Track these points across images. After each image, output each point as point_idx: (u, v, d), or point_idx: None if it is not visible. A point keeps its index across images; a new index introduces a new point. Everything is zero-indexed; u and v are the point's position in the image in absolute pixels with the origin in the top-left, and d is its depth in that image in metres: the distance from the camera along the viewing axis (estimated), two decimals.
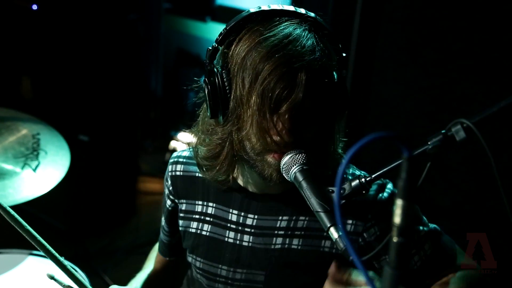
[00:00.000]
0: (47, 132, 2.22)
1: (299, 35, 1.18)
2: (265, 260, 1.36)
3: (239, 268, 1.39)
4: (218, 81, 1.22)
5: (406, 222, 0.75)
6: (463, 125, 0.99)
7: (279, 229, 1.35)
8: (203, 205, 1.44)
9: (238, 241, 1.39)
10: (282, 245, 1.35)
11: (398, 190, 0.76)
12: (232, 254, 1.40)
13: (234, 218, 1.40)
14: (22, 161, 2.07)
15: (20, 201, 1.93)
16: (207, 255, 1.43)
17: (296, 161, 1.18)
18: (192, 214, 1.46)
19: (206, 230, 1.44)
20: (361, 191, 1.11)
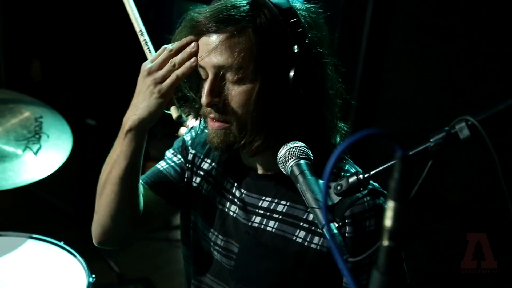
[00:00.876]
0: (50, 116, 2.21)
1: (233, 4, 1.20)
2: (243, 233, 1.37)
3: (221, 235, 1.41)
4: None
5: (397, 225, 0.71)
6: (467, 123, 0.94)
7: (260, 208, 1.36)
8: (210, 165, 1.47)
9: (226, 208, 1.41)
10: (259, 224, 1.35)
11: (390, 191, 0.71)
12: (219, 220, 1.42)
13: (228, 186, 1.42)
14: (23, 144, 2.06)
15: (20, 184, 1.93)
16: (203, 214, 1.46)
17: (293, 154, 1.15)
18: (198, 170, 1.48)
19: (206, 190, 1.46)
20: (358, 188, 1.06)
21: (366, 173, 1.05)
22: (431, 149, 0.97)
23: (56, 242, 2.01)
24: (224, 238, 1.41)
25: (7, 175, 1.92)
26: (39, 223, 3.53)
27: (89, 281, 1.86)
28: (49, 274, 1.90)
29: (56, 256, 1.98)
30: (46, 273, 1.90)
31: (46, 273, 1.90)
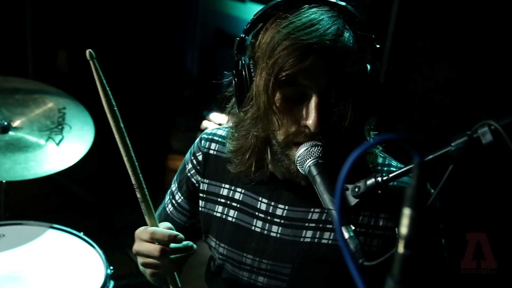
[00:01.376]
0: (74, 107, 2.23)
1: (325, 20, 1.13)
2: (293, 252, 1.31)
3: (264, 258, 1.35)
4: (245, 72, 1.20)
5: (413, 233, 0.69)
6: (490, 127, 0.91)
7: (310, 221, 1.30)
8: (230, 189, 1.39)
9: (266, 231, 1.34)
10: (312, 238, 1.30)
11: (406, 198, 0.69)
12: (258, 244, 1.35)
13: (264, 207, 1.35)
14: (46, 135, 2.08)
15: (42, 174, 1.95)
16: (232, 242, 1.39)
17: (311, 154, 1.13)
18: (217, 197, 1.41)
19: (232, 216, 1.38)
20: (376, 191, 1.04)
21: (385, 175, 1.03)
22: (452, 154, 0.94)
23: (76, 232, 2.03)
24: (269, 262, 1.34)
25: (29, 165, 1.94)
26: (61, 212, 3.58)
27: (106, 272, 1.87)
28: (68, 264, 1.92)
29: (76, 247, 2.00)
30: (65, 263, 1.92)
31: (65, 263, 1.92)
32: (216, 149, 1.42)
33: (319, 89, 1.13)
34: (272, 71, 1.12)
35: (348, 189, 1.07)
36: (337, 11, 1.17)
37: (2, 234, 1.98)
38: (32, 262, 1.90)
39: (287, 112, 1.16)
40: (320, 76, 1.12)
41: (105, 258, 1.93)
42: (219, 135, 1.43)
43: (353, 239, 1.00)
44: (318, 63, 1.11)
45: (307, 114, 1.14)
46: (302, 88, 1.14)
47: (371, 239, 1.29)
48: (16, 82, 2.28)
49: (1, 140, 2.02)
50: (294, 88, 1.14)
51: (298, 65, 1.10)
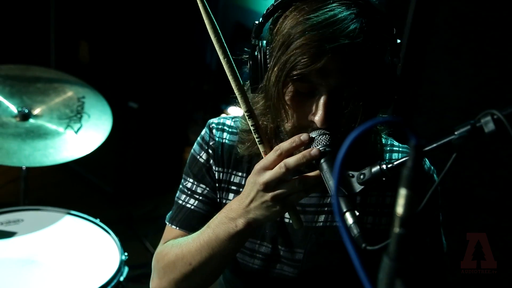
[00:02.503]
0: (93, 96, 2.28)
1: (343, 18, 1.12)
2: (305, 237, 1.33)
3: (278, 245, 1.36)
4: (260, 57, 1.20)
5: (409, 213, 0.71)
6: (493, 117, 0.92)
7: (322, 206, 1.33)
8: (242, 177, 1.38)
9: (278, 218, 1.32)
10: (324, 222, 1.32)
11: (402, 178, 0.71)
12: (272, 231, 1.36)
13: None
14: (65, 123, 2.13)
15: (60, 161, 2.00)
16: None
17: (319, 142, 1.15)
18: (229, 185, 1.39)
19: None
20: (381, 178, 1.05)
21: (389, 163, 1.05)
22: (455, 142, 0.96)
23: (92, 219, 2.08)
24: (282, 248, 1.35)
25: (48, 152, 1.99)
26: (79, 201, 3.64)
27: (121, 258, 1.92)
28: (84, 249, 1.97)
29: (92, 233, 2.05)
30: (81, 248, 1.97)
31: (81, 248, 1.97)
32: (228, 138, 1.41)
33: (330, 87, 1.13)
34: (284, 67, 1.13)
35: (354, 176, 1.09)
36: (358, 6, 1.15)
37: (21, 219, 2.04)
38: (49, 247, 1.95)
39: (297, 106, 1.18)
40: (333, 76, 1.12)
41: (120, 245, 1.98)
42: (228, 124, 1.42)
43: (356, 225, 1.02)
44: (331, 63, 1.11)
45: (315, 110, 1.15)
46: (313, 84, 1.15)
47: (380, 217, 1.32)
48: (37, 71, 2.33)
49: (22, 127, 2.08)
50: (305, 84, 1.15)
51: (310, 66, 1.10)
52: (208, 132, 1.42)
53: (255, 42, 1.22)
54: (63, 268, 1.86)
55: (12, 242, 1.94)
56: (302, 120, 1.18)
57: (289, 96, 1.17)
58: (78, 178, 3.89)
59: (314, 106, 1.16)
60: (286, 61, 1.13)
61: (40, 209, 2.10)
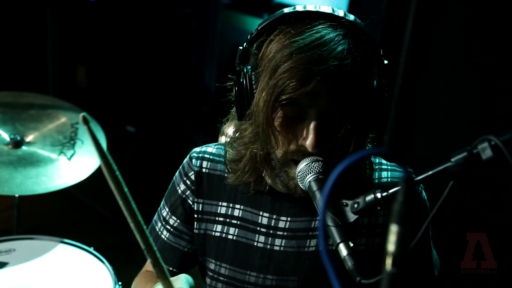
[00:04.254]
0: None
1: (330, 39, 1.10)
2: (298, 264, 1.30)
3: (269, 274, 1.32)
4: (246, 83, 1.19)
5: (401, 250, 0.67)
6: (490, 143, 0.88)
7: (313, 230, 1.29)
8: (228, 207, 1.36)
9: (269, 245, 1.32)
10: (316, 246, 1.29)
11: (393, 214, 0.67)
12: (262, 260, 1.32)
13: (265, 221, 1.32)
14: (58, 149, 2.10)
15: (52, 189, 1.96)
16: (234, 261, 1.35)
17: (311, 169, 1.12)
18: (214, 216, 1.37)
19: (233, 234, 1.35)
20: (375, 207, 1.02)
21: (384, 191, 1.01)
22: (452, 169, 0.92)
23: (85, 247, 2.03)
24: (274, 277, 1.32)
25: (40, 179, 1.96)
26: (76, 226, 3.61)
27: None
28: (77, 279, 1.92)
29: (85, 262, 2.00)
30: (74, 277, 1.92)
31: (74, 277, 1.92)
32: (208, 167, 1.38)
33: (320, 110, 1.12)
34: (272, 92, 1.11)
35: (348, 205, 1.06)
36: (345, 27, 1.14)
37: (13, 249, 2.00)
38: (42, 277, 1.90)
39: (287, 131, 1.15)
40: (322, 98, 1.11)
41: (114, 274, 1.93)
42: (210, 152, 1.40)
43: (351, 257, 0.99)
44: (320, 86, 1.09)
45: (306, 135, 1.13)
46: (303, 108, 1.13)
47: (373, 238, 1.29)
48: (30, 97, 2.31)
49: (14, 154, 2.05)
50: (294, 108, 1.13)
51: (300, 89, 1.09)
52: (188, 161, 1.41)
53: (240, 67, 1.20)
54: None
55: (4, 273, 1.89)
56: (293, 146, 1.15)
57: (278, 121, 1.15)
58: (75, 203, 3.85)
59: (304, 130, 1.13)
60: (274, 86, 1.10)
61: (33, 237, 2.06)
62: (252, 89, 1.18)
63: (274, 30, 1.16)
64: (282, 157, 1.17)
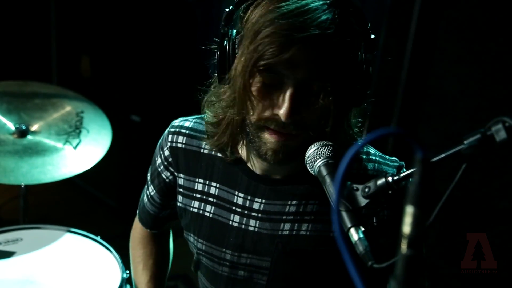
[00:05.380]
0: (91, 111, 2.24)
1: (315, 7, 1.08)
2: (271, 246, 1.30)
3: (244, 253, 1.34)
4: (228, 46, 1.16)
5: (417, 232, 0.66)
6: (505, 124, 0.87)
7: (287, 214, 1.29)
8: (204, 184, 1.36)
9: (243, 225, 1.32)
10: (290, 231, 1.28)
11: (409, 196, 0.66)
12: (236, 239, 1.33)
13: (240, 201, 1.32)
14: (63, 138, 2.09)
15: (58, 178, 1.96)
16: (210, 238, 1.37)
17: (321, 154, 1.11)
18: (192, 192, 1.38)
19: (209, 212, 1.35)
20: (387, 191, 1.00)
21: (395, 175, 1.00)
22: (465, 152, 0.91)
23: (93, 236, 2.03)
24: (249, 255, 1.33)
25: (46, 168, 1.95)
26: (83, 216, 3.61)
27: (122, 276, 1.87)
28: (85, 267, 1.92)
29: (93, 251, 2.00)
30: (82, 266, 1.93)
31: (81, 266, 1.93)
32: (184, 142, 1.38)
33: (297, 80, 1.10)
34: (251, 57, 1.09)
35: (358, 190, 1.04)
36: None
37: (20, 238, 2.00)
38: (49, 266, 1.90)
39: (263, 98, 1.14)
40: (301, 67, 1.09)
41: (122, 262, 1.93)
42: (186, 127, 1.39)
43: (363, 241, 0.97)
44: (300, 54, 1.07)
45: (281, 103, 1.11)
46: (281, 76, 1.11)
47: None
48: (35, 86, 2.30)
49: (19, 144, 2.04)
50: (272, 75, 1.11)
51: (278, 56, 1.07)
52: (165, 135, 1.42)
53: (224, 30, 1.17)
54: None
55: (11, 262, 1.89)
56: (267, 113, 1.14)
57: (255, 87, 1.13)
58: (81, 193, 3.86)
59: (280, 99, 1.12)
60: (254, 50, 1.08)
61: (40, 227, 2.05)
62: (234, 52, 1.16)
63: None
64: (255, 122, 1.16)
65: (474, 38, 2.40)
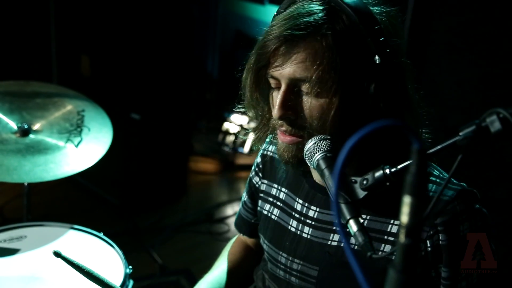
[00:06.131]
0: (92, 109, 2.25)
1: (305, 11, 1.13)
2: (320, 255, 1.32)
3: (296, 258, 1.37)
4: None
5: (414, 221, 0.68)
6: (499, 115, 0.89)
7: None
8: (277, 189, 1.46)
9: (299, 231, 1.37)
10: (339, 242, 1.30)
11: (406, 185, 0.68)
12: (291, 243, 1.38)
13: (299, 207, 1.38)
14: (65, 137, 2.11)
15: (60, 176, 1.97)
16: (272, 239, 1.44)
17: (319, 147, 1.13)
18: (268, 196, 1.48)
19: (275, 215, 1.44)
20: (384, 183, 1.02)
21: (392, 167, 1.02)
22: (460, 143, 0.92)
23: (95, 233, 2.05)
24: (300, 262, 1.36)
25: (49, 167, 1.97)
26: (85, 214, 3.64)
27: (125, 272, 1.89)
28: (88, 263, 1.93)
29: (96, 247, 2.02)
30: (86, 262, 1.94)
31: (85, 262, 1.94)
32: (273, 151, 1.50)
33: (286, 79, 1.15)
34: (251, 64, 1.19)
35: (357, 182, 1.06)
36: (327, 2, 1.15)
37: (24, 236, 2.02)
38: (53, 263, 1.91)
39: (268, 101, 1.24)
40: (288, 67, 1.14)
41: (124, 258, 1.95)
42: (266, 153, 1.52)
43: (362, 232, 1.00)
44: (287, 54, 1.13)
45: (274, 103, 1.19)
46: (276, 78, 1.17)
47: (385, 245, 1.24)
48: (36, 86, 2.31)
49: (22, 143, 2.06)
50: (271, 80, 1.19)
51: (269, 57, 1.14)
52: (264, 145, 1.53)
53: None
54: (67, 284, 1.84)
55: (16, 259, 1.91)
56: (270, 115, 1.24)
57: (261, 92, 1.23)
58: (83, 191, 3.88)
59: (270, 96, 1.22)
60: (252, 57, 1.19)
61: (43, 224, 2.08)
62: None
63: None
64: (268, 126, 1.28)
65: (467, 31, 2.42)
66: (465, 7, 2.39)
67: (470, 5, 2.37)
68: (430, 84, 2.55)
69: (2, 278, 1.82)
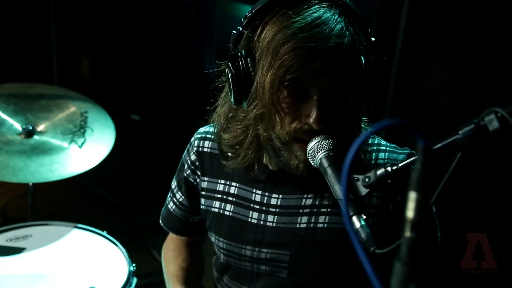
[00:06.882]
0: (95, 111, 2.29)
1: (328, 18, 1.14)
2: (290, 239, 1.34)
3: (264, 248, 1.38)
4: (242, 66, 1.19)
5: (419, 216, 0.71)
6: (497, 114, 0.92)
7: (304, 207, 1.33)
8: (225, 184, 1.42)
9: (262, 221, 1.37)
10: (307, 223, 1.32)
11: (412, 182, 0.71)
12: (255, 235, 1.38)
13: (258, 198, 1.37)
14: (69, 138, 2.14)
15: (65, 176, 2.01)
16: (230, 236, 1.42)
17: (322, 147, 1.15)
18: (214, 193, 1.44)
19: (229, 210, 1.41)
20: (386, 180, 1.06)
21: (394, 165, 1.05)
22: (460, 141, 0.96)
23: (99, 231, 2.08)
24: (269, 250, 1.37)
25: (53, 167, 2.00)
26: (87, 214, 3.66)
27: (129, 269, 1.92)
28: (92, 262, 1.97)
29: (100, 245, 2.05)
30: (89, 261, 1.98)
31: (89, 261, 1.97)
32: (210, 147, 1.44)
33: (322, 88, 1.15)
34: (277, 72, 1.13)
35: (359, 180, 1.09)
36: (339, 8, 1.17)
37: (29, 235, 2.05)
38: (58, 261, 1.95)
39: (291, 110, 1.18)
40: (325, 76, 1.14)
41: (128, 256, 1.98)
42: (212, 132, 1.43)
43: (365, 228, 1.03)
44: (323, 64, 1.13)
45: (309, 112, 1.16)
46: (306, 86, 1.16)
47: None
48: (40, 88, 2.35)
49: (27, 144, 2.09)
50: (298, 86, 1.16)
51: (305, 68, 1.12)
52: (192, 141, 1.49)
53: (235, 51, 1.21)
54: (72, 282, 1.87)
55: (21, 258, 1.95)
56: (296, 124, 1.19)
57: (282, 102, 1.18)
58: (85, 192, 3.90)
59: (307, 108, 1.17)
60: (279, 66, 1.13)
61: (48, 224, 2.11)
62: (250, 71, 1.19)
63: (269, 12, 1.17)
64: (284, 136, 1.20)
65: (461, 31, 2.45)
66: (460, 7, 2.42)
67: (464, 5, 2.40)
68: (424, 84, 2.58)
69: (8, 276, 1.85)
